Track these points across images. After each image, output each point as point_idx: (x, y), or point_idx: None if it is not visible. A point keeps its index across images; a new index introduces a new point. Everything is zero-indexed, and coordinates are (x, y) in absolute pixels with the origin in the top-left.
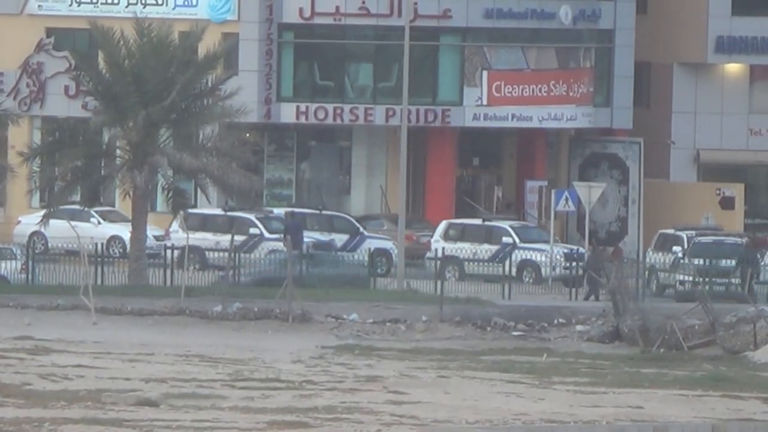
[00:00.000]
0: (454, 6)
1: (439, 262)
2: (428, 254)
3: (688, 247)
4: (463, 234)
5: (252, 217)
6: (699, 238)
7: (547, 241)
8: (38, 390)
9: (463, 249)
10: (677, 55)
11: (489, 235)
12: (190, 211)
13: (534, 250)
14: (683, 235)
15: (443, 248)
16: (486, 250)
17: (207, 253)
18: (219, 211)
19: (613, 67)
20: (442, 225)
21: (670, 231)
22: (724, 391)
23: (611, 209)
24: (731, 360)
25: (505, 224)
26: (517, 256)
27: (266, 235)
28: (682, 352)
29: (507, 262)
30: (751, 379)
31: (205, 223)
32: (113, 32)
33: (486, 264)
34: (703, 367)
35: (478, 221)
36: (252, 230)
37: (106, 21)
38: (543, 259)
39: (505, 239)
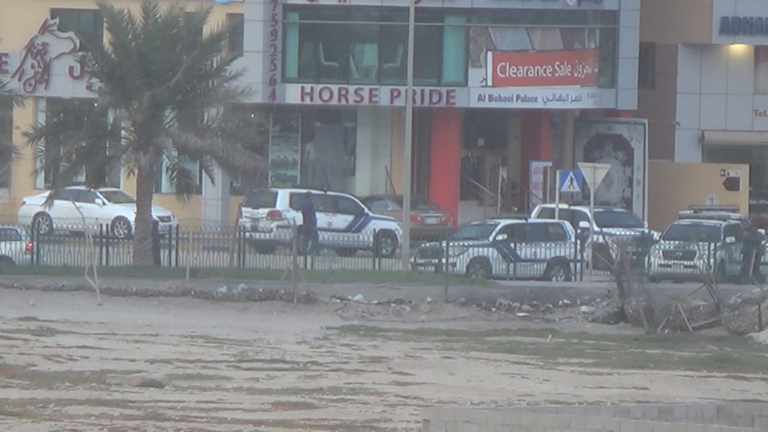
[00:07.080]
0: None
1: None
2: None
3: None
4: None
5: (586, 210)
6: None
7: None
8: (43, 371)
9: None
10: (682, 35)
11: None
12: (544, 205)
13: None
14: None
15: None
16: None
17: None
18: (563, 205)
19: (617, 48)
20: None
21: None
22: (728, 372)
23: (616, 190)
24: (736, 341)
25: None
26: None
27: (595, 228)
28: (686, 333)
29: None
30: (755, 359)
31: (551, 218)
32: (121, 13)
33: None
34: (708, 348)
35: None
36: (582, 224)
37: (112, 2)
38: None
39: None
